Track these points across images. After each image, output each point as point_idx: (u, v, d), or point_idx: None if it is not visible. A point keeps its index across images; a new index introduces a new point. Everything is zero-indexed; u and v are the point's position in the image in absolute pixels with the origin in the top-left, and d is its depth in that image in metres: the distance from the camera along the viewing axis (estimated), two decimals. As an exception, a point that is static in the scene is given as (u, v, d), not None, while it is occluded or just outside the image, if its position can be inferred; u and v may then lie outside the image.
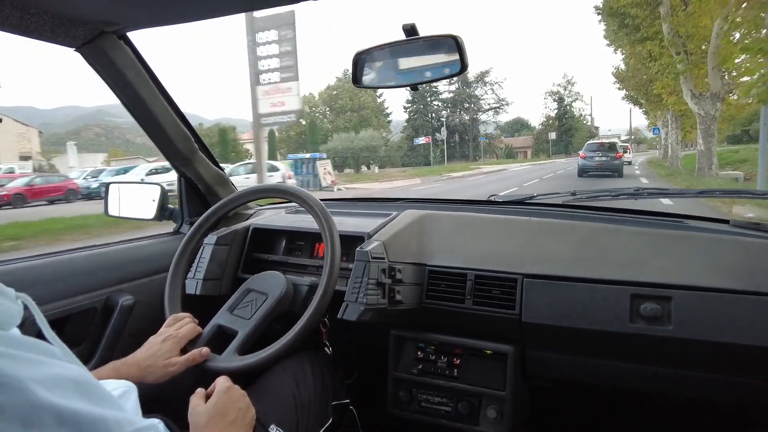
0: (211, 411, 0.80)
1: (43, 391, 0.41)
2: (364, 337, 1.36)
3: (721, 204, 6.90)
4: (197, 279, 1.23)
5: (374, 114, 48.30)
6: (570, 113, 58.14)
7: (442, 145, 49.21)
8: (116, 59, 1.13)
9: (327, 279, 1.03)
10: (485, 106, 56.04)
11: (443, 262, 1.20)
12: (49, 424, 0.40)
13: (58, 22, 0.99)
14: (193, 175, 1.47)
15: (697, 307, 0.99)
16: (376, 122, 47.20)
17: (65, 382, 0.44)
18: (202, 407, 0.81)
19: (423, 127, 51.75)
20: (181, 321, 1.04)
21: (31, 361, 0.43)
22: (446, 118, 53.71)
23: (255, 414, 0.86)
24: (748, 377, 1.01)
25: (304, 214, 1.41)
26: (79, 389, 0.44)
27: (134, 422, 0.46)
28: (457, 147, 52.94)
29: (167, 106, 1.29)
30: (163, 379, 0.94)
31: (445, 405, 1.18)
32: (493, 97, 57.01)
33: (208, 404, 0.81)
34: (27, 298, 0.53)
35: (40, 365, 0.43)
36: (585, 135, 56.62)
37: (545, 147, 56.19)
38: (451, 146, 52.22)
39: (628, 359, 1.08)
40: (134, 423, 0.46)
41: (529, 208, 1.43)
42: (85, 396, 0.44)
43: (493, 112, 56.87)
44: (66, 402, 0.42)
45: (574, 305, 1.07)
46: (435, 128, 52.20)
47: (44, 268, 1.16)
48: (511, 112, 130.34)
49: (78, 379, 0.45)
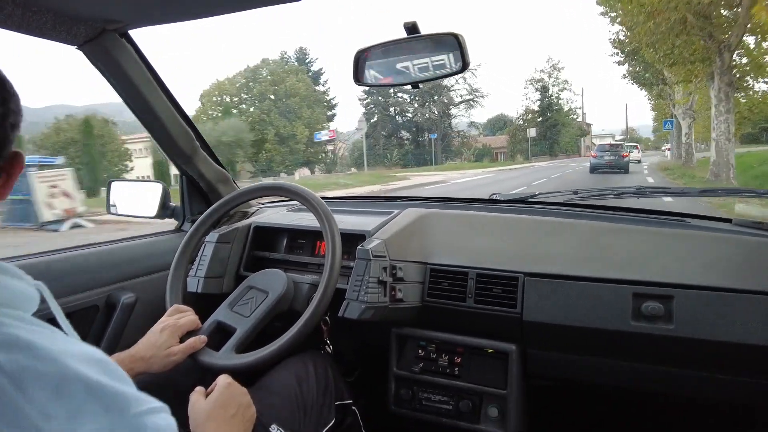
0: (211, 405, 0.80)
1: (74, 363, 0.43)
2: (365, 335, 1.36)
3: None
4: (199, 277, 1.23)
5: (307, 104, 35.81)
6: (556, 106, 45.16)
7: (410, 144, 42.31)
8: (118, 57, 1.13)
9: (328, 277, 1.03)
10: (456, 99, 43.46)
11: (444, 261, 1.20)
12: (79, 394, 0.42)
13: (60, 20, 0.99)
14: (194, 173, 1.47)
15: (699, 306, 0.99)
16: (309, 114, 35.21)
17: (92, 359, 0.46)
18: (202, 402, 0.81)
19: (382, 123, 41.74)
20: (182, 312, 1.04)
21: (58, 336, 0.46)
22: (415, 113, 43.33)
23: (255, 412, 0.86)
24: (749, 377, 1.00)
25: (305, 212, 1.41)
26: (101, 366, 0.46)
27: (149, 401, 0.48)
28: (426, 147, 41.90)
29: (169, 104, 1.29)
30: (166, 368, 0.95)
31: (447, 403, 1.18)
32: (465, 87, 43.07)
33: (208, 399, 0.81)
34: (42, 287, 0.55)
35: (70, 343, 0.46)
36: (575, 133, 49.35)
37: (523, 147, 43.55)
38: (421, 146, 42.64)
39: (630, 358, 1.08)
40: (149, 402, 0.48)
41: (531, 207, 1.43)
42: (107, 372, 0.46)
43: (466, 106, 43.93)
44: (94, 375, 0.44)
45: (575, 304, 1.07)
46: (400, 125, 43.14)
47: (45, 265, 1.16)
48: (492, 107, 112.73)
49: (100, 357, 0.47)
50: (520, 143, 43.87)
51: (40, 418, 0.39)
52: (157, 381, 0.97)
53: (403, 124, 43.69)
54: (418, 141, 42.86)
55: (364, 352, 1.45)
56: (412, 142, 42.91)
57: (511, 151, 45.10)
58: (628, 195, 1.47)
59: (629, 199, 1.48)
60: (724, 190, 1.51)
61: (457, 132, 44.96)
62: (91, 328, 1.19)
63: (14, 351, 0.41)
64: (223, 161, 1.54)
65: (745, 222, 1.19)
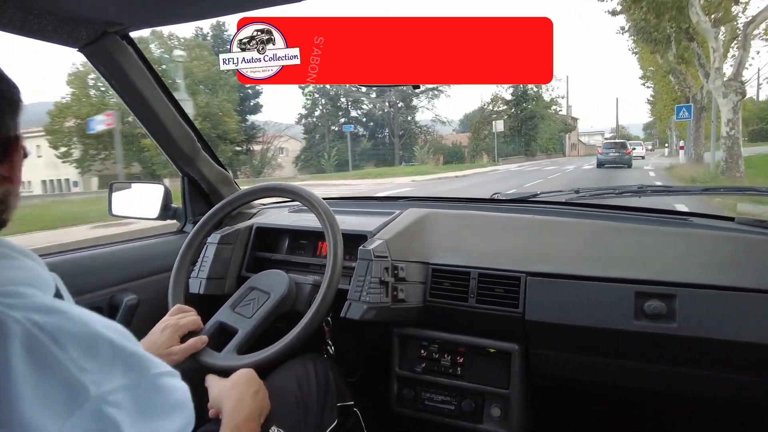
0: (237, 379, 0.89)
1: (99, 325, 0.48)
2: (367, 335, 1.36)
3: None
4: (201, 278, 1.23)
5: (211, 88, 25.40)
6: (533, 93, 35.05)
7: (367, 142, 33.93)
8: (119, 59, 1.14)
9: (330, 278, 1.03)
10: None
11: (446, 261, 1.20)
12: (106, 353, 0.47)
13: (61, 22, 0.99)
14: (196, 175, 1.47)
15: (702, 304, 0.98)
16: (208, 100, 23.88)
17: (111, 326, 0.50)
18: (222, 380, 0.90)
19: (328, 116, 33.37)
20: (184, 312, 1.05)
21: (84, 309, 0.50)
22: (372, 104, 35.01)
23: (269, 404, 0.91)
24: (752, 375, 1.00)
25: (306, 213, 1.41)
26: (122, 334, 0.50)
27: (167, 366, 0.52)
28: (388, 145, 34.33)
29: (170, 106, 1.29)
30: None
31: (449, 403, 1.18)
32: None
33: (233, 375, 0.90)
34: (57, 278, 0.61)
35: (87, 314, 0.50)
36: (557, 128, 40.48)
37: (488, 144, 32.99)
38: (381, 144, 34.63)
39: (633, 357, 1.07)
40: (167, 366, 0.52)
41: (533, 206, 1.42)
42: (127, 339, 0.50)
43: (428, 96, 34.67)
44: (116, 336, 0.49)
45: (577, 303, 1.06)
46: (354, 119, 34.83)
47: (49, 267, 1.16)
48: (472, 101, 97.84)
49: (120, 328, 0.51)
50: (485, 140, 33.56)
51: (76, 370, 0.44)
52: None
53: (357, 118, 35.41)
54: (377, 138, 35.16)
55: (366, 352, 1.45)
56: (370, 138, 34.56)
57: (474, 149, 33.97)
58: (629, 194, 1.47)
59: (631, 198, 1.48)
60: (726, 189, 1.52)
61: (420, 128, 36.17)
62: None
63: (52, 314, 0.46)
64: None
65: (747, 220, 1.18)
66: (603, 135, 56.76)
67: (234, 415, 0.82)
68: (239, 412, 0.83)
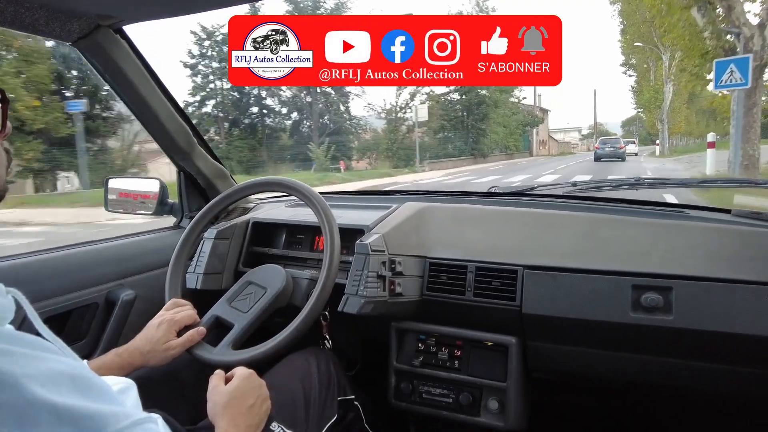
0: (232, 392, 0.82)
1: (38, 387, 0.41)
2: (364, 329, 1.36)
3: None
4: (197, 273, 1.23)
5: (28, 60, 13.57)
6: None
7: (288, 139, 25.77)
8: (113, 53, 1.13)
9: (327, 272, 1.03)
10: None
11: (443, 254, 1.20)
12: (46, 421, 0.40)
13: (53, 16, 0.98)
14: (192, 170, 1.47)
15: (698, 297, 0.99)
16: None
17: (61, 377, 0.44)
18: (223, 387, 0.83)
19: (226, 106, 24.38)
20: (180, 306, 1.04)
21: (25, 356, 0.43)
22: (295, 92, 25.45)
23: (270, 406, 0.87)
24: (748, 367, 1.00)
25: (303, 208, 1.40)
26: (74, 384, 0.44)
27: (131, 415, 0.46)
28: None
29: (165, 100, 1.28)
30: (164, 362, 0.96)
31: (447, 396, 1.19)
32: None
33: (229, 386, 0.83)
34: (17, 293, 0.53)
35: (35, 360, 0.43)
36: (521, 120, 31.65)
37: (396, 150, 23.68)
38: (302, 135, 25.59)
39: (630, 350, 1.08)
40: (131, 416, 0.46)
41: (530, 200, 1.42)
42: (81, 391, 0.44)
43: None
44: (62, 398, 0.42)
45: (575, 296, 1.07)
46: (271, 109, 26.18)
47: (44, 263, 1.16)
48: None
49: (74, 374, 0.45)
50: (404, 139, 24.06)
51: None
52: (158, 375, 0.97)
53: (271, 107, 26.21)
54: (302, 133, 26.19)
55: (363, 346, 1.45)
56: (292, 134, 26.46)
57: (391, 148, 23.55)
58: (626, 186, 1.47)
59: (628, 190, 1.48)
60: (723, 181, 1.52)
61: (349, 122, 26.40)
62: (91, 326, 1.20)
63: None
64: None
65: (744, 212, 1.19)
66: (580, 131, 55.39)
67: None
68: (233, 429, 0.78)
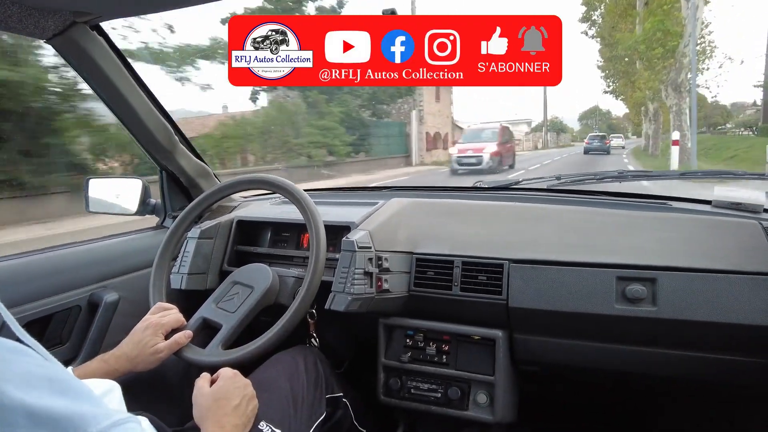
0: (216, 393, 0.82)
1: (13, 390, 0.40)
2: (352, 326, 1.36)
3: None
4: (182, 273, 1.21)
5: None
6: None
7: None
8: (89, 51, 1.10)
9: (313, 270, 1.02)
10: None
11: (430, 250, 1.20)
12: (23, 424, 0.40)
13: (27, 12, 0.95)
14: (174, 168, 1.44)
15: (681, 287, 1.00)
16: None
17: (37, 380, 0.43)
18: (207, 389, 0.83)
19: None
20: (166, 310, 1.03)
21: (1, 360, 0.42)
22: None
23: (257, 405, 0.87)
24: (732, 355, 1.02)
25: (288, 206, 1.39)
26: (52, 385, 0.44)
27: (112, 415, 0.46)
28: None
29: (145, 97, 1.26)
30: (152, 366, 0.95)
31: (435, 391, 1.19)
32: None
33: (214, 387, 0.83)
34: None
35: (10, 364, 0.42)
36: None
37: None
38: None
39: (615, 341, 1.09)
40: (111, 416, 0.46)
41: (515, 194, 1.43)
42: (59, 392, 0.44)
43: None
44: (39, 400, 0.41)
45: (560, 289, 1.08)
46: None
47: (25, 266, 1.13)
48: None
49: (51, 376, 0.44)
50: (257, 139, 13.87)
51: None
52: (144, 377, 0.96)
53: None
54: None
55: (351, 343, 1.45)
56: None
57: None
58: (610, 179, 1.48)
59: (612, 183, 1.49)
60: (703, 173, 1.54)
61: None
62: (74, 329, 1.17)
63: None
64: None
65: (724, 203, 1.21)
66: (530, 124, 54.31)
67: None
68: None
